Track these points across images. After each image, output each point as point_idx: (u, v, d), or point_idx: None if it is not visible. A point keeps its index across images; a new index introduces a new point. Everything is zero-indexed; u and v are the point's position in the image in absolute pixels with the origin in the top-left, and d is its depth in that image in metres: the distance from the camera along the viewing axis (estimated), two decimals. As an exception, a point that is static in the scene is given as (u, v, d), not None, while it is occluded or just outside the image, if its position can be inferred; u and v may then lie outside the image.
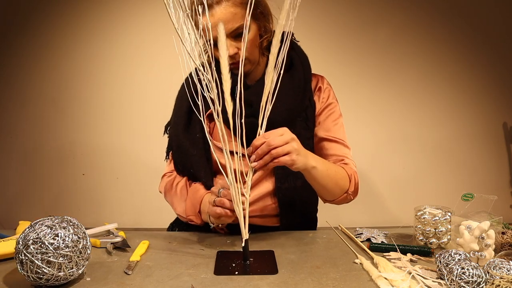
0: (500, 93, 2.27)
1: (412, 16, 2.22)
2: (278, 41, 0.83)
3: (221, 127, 0.84)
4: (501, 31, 2.24)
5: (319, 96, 1.14)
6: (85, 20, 2.26)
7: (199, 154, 1.10)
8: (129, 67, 2.26)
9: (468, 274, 0.70)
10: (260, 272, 0.81)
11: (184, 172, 1.14)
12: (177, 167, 1.16)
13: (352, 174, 1.09)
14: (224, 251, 0.93)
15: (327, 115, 1.14)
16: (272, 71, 0.85)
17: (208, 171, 1.09)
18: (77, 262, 0.73)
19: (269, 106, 0.85)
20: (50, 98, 2.31)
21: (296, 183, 1.06)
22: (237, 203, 0.83)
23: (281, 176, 1.06)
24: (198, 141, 1.10)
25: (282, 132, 0.87)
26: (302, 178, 1.02)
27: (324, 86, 1.15)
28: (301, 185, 1.06)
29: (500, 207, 2.22)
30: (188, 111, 1.13)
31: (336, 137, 1.13)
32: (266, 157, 0.84)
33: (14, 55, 2.30)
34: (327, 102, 1.14)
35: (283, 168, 0.95)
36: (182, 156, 1.12)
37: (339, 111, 1.16)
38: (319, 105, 1.14)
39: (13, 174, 2.37)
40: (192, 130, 1.12)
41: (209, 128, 1.12)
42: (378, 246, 0.95)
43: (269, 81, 0.85)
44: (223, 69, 0.82)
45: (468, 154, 2.29)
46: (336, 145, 1.12)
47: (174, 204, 1.12)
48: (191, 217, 1.05)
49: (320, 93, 1.15)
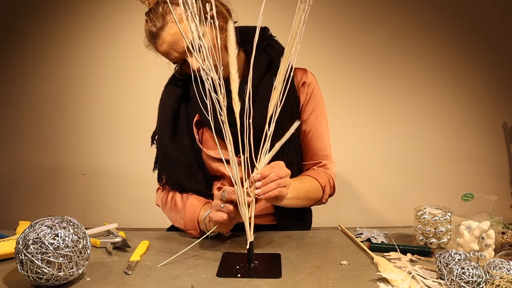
0: (500, 93, 2.27)
1: (412, 16, 2.22)
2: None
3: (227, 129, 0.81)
4: (501, 31, 2.24)
5: (303, 91, 1.13)
6: (86, 21, 2.26)
7: (189, 162, 1.09)
8: (130, 67, 2.26)
9: (468, 274, 0.70)
10: (264, 275, 0.80)
11: (170, 182, 1.11)
12: (161, 178, 1.13)
13: (326, 182, 1.10)
14: (230, 253, 0.93)
15: (310, 111, 1.13)
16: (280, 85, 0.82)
17: (200, 178, 1.09)
18: (77, 262, 0.73)
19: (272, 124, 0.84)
20: (50, 98, 2.31)
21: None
22: (242, 205, 0.83)
23: None
24: (187, 149, 1.09)
25: (282, 164, 0.89)
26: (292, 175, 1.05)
27: (308, 81, 1.14)
28: None
29: (500, 207, 2.23)
30: (173, 119, 1.12)
31: (319, 135, 1.14)
32: (272, 185, 0.85)
33: (14, 55, 2.30)
34: (311, 97, 1.14)
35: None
36: (171, 166, 1.10)
37: (323, 106, 1.16)
38: (303, 100, 1.13)
39: (13, 174, 2.37)
40: (179, 138, 1.11)
41: (198, 136, 1.11)
42: (378, 246, 0.95)
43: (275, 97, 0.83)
44: (231, 69, 0.81)
45: (468, 154, 2.29)
46: (318, 143, 1.14)
47: (172, 218, 1.12)
48: (191, 231, 1.05)
49: (304, 88, 1.14)
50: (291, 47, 0.81)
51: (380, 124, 2.27)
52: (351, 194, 2.25)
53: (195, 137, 1.11)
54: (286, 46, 0.82)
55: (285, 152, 1.08)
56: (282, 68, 0.82)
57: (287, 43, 0.82)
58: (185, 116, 1.13)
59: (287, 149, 1.09)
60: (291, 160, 1.10)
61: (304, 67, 1.18)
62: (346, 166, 2.23)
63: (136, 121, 2.26)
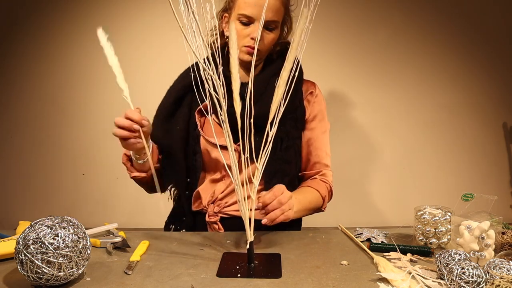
0: (500, 93, 2.27)
1: (412, 16, 2.22)
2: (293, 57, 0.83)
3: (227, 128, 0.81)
4: (501, 31, 2.24)
5: (309, 100, 1.17)
6: (86, 20, 2.26)
7: (173, 144, 1.11)
8: (130, 67, 2.24)
9: (468, 274, 0.70)
10: (264, 275, 0.80)
11: None
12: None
13: (326, 193, 1.15)
14: (230, 253, 0.93)
15: (317, 123, 1.18)
16: (283, 85, 0.83)
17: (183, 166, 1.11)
18: (77, 262, 0.73)
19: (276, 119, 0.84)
20: (50, 98, 2.31)
21: (284, 180, 1.09)
22: (242, 205, 0.83)
23: (269, 173, 1.08)
24: (177, 133, 1.11)
25: (283, 189, 0.93)
26: (289, 175, 1.11)
27: (316, 92, 1.19)
28: (288, 181, 1.11)
29: (500, 207, 2.22)
30: (175, 102, 1.14)
31: (322, 145, 1.18)
32: (277, 212, 0.89)
33: (14, 55, 2.30)
34: (318, 108, 1.18)
35: (272, 165, 1.02)
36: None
37: (326, 118, 1.21)
38: (310, 110, 1.17)
39: (13, 174, 2.37)
40: (174, 121, 1.13)
41: (200, 122, 1.13)
42: (378, 246, 0.95)
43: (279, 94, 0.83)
44: (232, 69, 0.82)
45: (468, 154, 2.29)
46: (321, 153, 1.18)
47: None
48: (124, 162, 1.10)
49: (312, 98, 1.18)
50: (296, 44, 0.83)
51: (380, 124, 2.27)
52: (351, 194, 2.25)
53: (195, 124, 1.13)
54: (291, 43, 0.83)
55: (283, 146, 1.10)
56: (287, 67, 0.83)
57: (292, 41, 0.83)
58: (188, 105, 1.15)
59: (285, 145, 1.10)
60: (288, 157, 1.12)
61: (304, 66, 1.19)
62: (346, 166, 2.23)
63: (136, 121, 2.26)
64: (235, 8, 1.06)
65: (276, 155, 1.08)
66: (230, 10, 1.09)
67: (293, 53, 0.83)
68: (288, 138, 1.11)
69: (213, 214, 1.13)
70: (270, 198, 0.90)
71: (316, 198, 1.12)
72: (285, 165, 1.11)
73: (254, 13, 1.02)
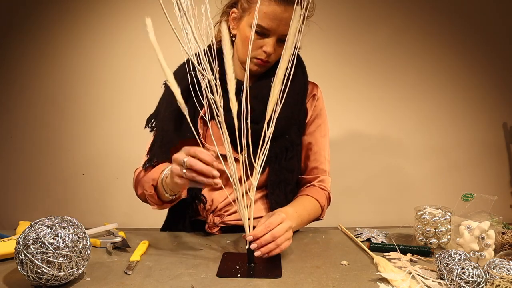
0: (500, 93, 2.27)
1: (412, 16, 2.22)
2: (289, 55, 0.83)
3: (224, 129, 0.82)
4: (501, 31, 2.24)
5: (311, 103, 1.15)
6: (86, 21, 2.26)
7: None
8: (130, 67, 2.26)
9: (468, 274, 0.70)
10: (264, 275, 0.80)
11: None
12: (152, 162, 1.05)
13: (325, 202, 1.12)
14: (230, 253, 0.92)
15: (317, 126, 1.16)
16: (279, 84, 0.83)
17: None
18: (77, 262, 0.73)
19: (273, 120, 0.84)
20: (50, 98, 2.31)
21: (286, 189, 1.08)
22: (241, 206, 0.83)
23: (273, 183, 1.06)
24: (188, 142, 1.02)
25: (280, 220, 0.87)
26: (291, 183, 1.09)
27: (318, 95, 1.17)
28: (290, 189, 1.10)
29: (500, 207, 2.22)
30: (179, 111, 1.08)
31: (321, 149, 1.16)
32: (271, 246, 0.83)
33: (14, 55, 2.30)
34: (320, 113, 1.16)
35: (276, 175, 1.03)
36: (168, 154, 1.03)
37: (327, 122, 1.19)
38: (311, 113, 1.15)
39: (13, 174, 2.37)
40: (184, 128, 1.05)
41: (202, 130, 1.09)
42: (378, 246, 0.95)
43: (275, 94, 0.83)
44: (227, 69, 0.81)
45: (468, 154, 2.29)
46: (320, 158, 1.16)
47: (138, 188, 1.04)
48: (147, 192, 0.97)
49: (314, 101, 1.15)
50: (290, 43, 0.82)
51: (380, 124, 2.27)
52: (351, 194, 2.25)
53: (198, 132, 1.09)
54: (285, 42, 0.82)
55: (288, 157, 1.08)
56: (282, 66, 0.82)
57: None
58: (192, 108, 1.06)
59: (290, 155, 1.09)
60: (292, 166, 1.09)
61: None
62: (346, 166, 2.23)
63: (136, 121, 2.26)
64: (250, 13, 0.99)
65: (280, 165, 1.06)
66: (242, 11, 1.02)
67: (288, 51, 0.82)
68: (293, 148, 1.09)
69: (213, 225, 1.09)
70: (262, 231, 0.84)
71: (315, 209, 1.09)
72: (289, 174, 1.09)
73: (272, 27, 0.97)
